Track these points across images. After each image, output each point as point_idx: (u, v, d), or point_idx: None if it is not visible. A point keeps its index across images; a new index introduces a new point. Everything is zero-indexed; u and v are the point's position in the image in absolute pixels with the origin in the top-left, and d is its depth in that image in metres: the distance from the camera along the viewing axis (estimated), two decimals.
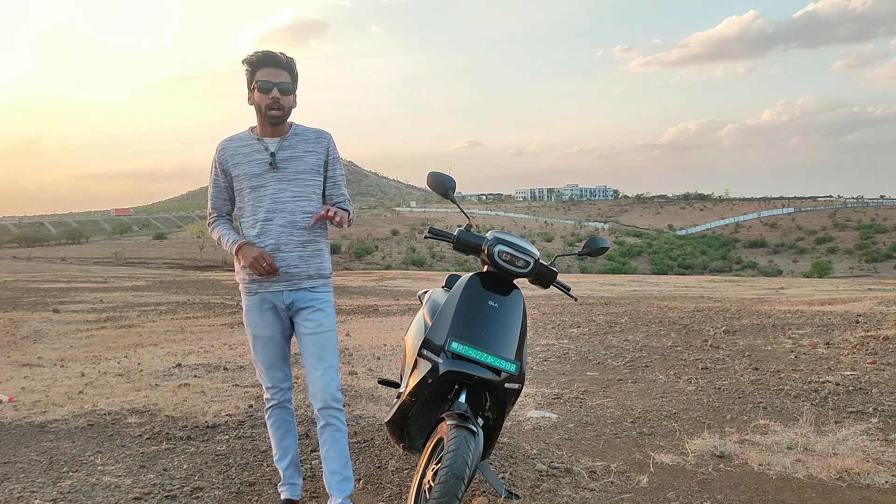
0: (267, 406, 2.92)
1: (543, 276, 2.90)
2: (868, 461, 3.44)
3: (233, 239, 2.74)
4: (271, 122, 2.72)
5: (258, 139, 2.75)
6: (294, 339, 2.89)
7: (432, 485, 2.28)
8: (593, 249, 3.03)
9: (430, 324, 2.80)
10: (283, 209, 2.71)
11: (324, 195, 2.86)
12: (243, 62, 2.72)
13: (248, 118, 2.93)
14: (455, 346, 2.55)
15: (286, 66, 2.70)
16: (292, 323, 2.83)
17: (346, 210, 2.78)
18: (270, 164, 2.71)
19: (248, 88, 2.72)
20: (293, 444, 2.97)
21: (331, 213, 2.66)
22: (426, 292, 3.52)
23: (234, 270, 2.96)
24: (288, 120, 2.78)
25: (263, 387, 2.91)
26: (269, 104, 2.66)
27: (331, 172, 2.85)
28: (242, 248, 2.69)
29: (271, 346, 2.82)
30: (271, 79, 2.66)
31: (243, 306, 2.85)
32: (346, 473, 2.81)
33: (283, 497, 2.97)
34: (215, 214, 2.86)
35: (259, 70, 2.68)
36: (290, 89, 2.71)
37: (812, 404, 4.58)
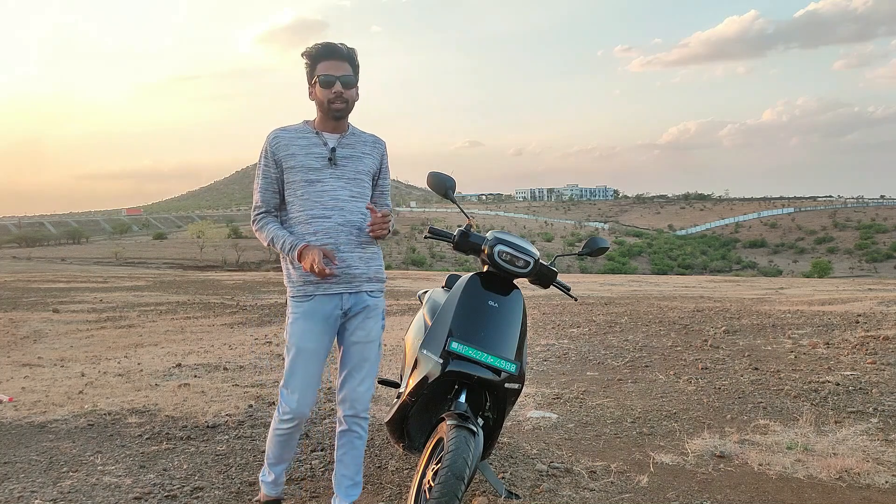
0: (284, 426, 2.67)
1: (543, 276, 2.90)
2: (868, 461, 3.44)
3: (291, 241, 2.55)
4: (335, 116, 2.60)
5: (316, 133, 2.64)
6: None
7: (432, 485, 2.28)
8: (593, 249, 3.03)
9: (430, 324, 2.80)
10: (342, 207, 2.60)
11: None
12: (302, 55, 2.61)
13: (250, 118, 2.94)
14: (455, 346, 2.55)
15: (347, 56, 2.59)
16: (339, 330, 2.71)
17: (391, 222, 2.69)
18: (330, 159, 2.60)
19: (309, 83, 2.61)
20: (291, 456, 2.88)
21: (378, 227, 2.56)
22: (426, 292, 3.52)
23: (236, 270, 2.87)
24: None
25: (286, 406, 2.63)
26: (332, 98, 2.56)
27: (381, 181, 2.78)
28: (305, 250, 2.50)
29: (314, 363, 2.62)
30: (333, 72, 2.55)
31: (290, 314, 2.64)
32: (357, 479, 2.78)
33: (263, 491, 2.90)
34: (263, 209, 2.66)
35: (320, 63, 2.56)
36: (352, 82, 2.59)
37: (812, 404, 4.58)
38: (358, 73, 2.64)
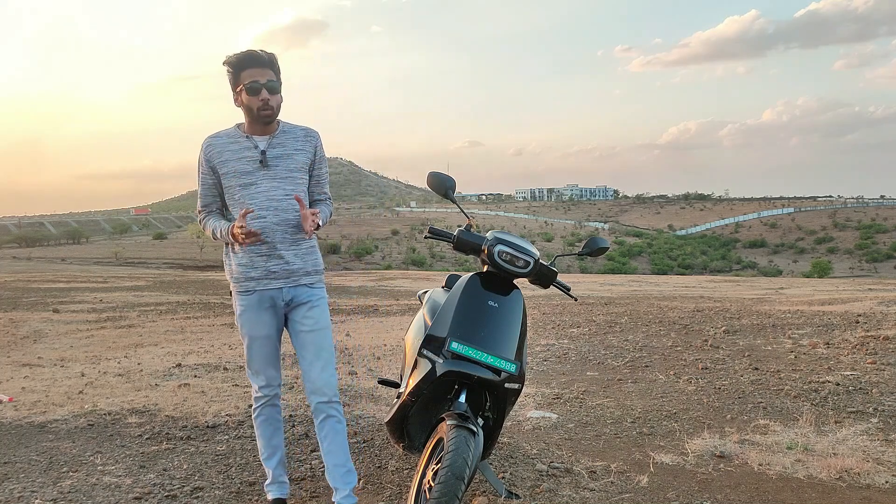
0: (257, 405, 2.88)
1: (543, 276, 2.90)
2: (868, 461, 3.44)
3: (224, 223, 2.69)
4: (263, 122, 2.69)
5: (247, 136, 2.71)
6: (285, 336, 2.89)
7: (432, 485, 2.28)
8: (593, 249, 3.03)
9: (430, 324, 2.80)
10: (277, 207, 2.69)
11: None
12: (224, 63, 2.65)
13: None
14: (455, 346, 2.55)
15: (269, 63, 2.64)
16: (286, 321, 2.83)
17: (325, 212, 2.82)
18: (261, 161, 2.68)
19: (234, 90, 2.67)
20: (281, 442, 2.95)
21: (309, 223, 2.65)
22: (426, 292, 3.52)
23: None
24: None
25: (255, 386, 2.86)
26: (259, 105, 2.62)
27: (316, 171, 2.85)
28: (233, 228, 2.59)
29: (268, 346, 2.80)
30: (258, 79, 2.60)
31: (237, 308, 2.79)
32: (349, 466, 2.82)
33: (271, 497, 2.94)
34: (205, 212, 2.81)
35: (244, 71, 2.62)
36: (277, 87, 2.65)
37: (812, 404, 4.58)
38: (280, 77, 2.69)
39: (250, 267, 2.71)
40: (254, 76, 2.61)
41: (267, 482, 2.96)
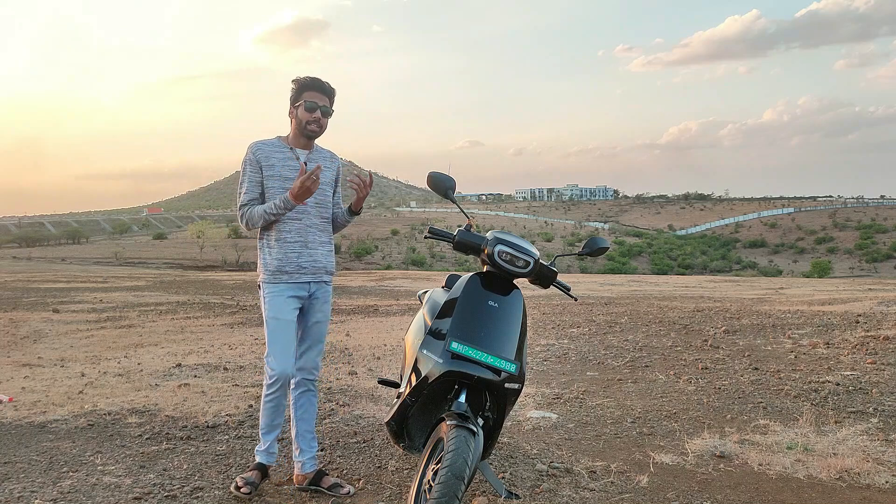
0: (273, 389, 3.11)
1: (543, 277, 2.90)
2: (868, 461, 3.44)
3: (280, 197, 2.99)
4: (308, 136, 3.10)
5: (290, 148, 3.12)
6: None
7: (432, 485, 2.28)
8: (593, 249, 3.03)
9: (430, 324, 2.80)
10: (309, 212, 3.12)
11: None
12: (293, 81, 3.07)
13: (251, 118, 3.18)
14: (455, 345, 2.55)
15: (329, 93, 3.09)
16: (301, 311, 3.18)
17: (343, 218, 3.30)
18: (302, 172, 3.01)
19: (293, 104, 3.07)
20: (281, 422, 3.25)
21: (366, 186, 3.06)
22: (426, 292, 3.52)
23: (236, 270, 3.07)
24: None
25: (274, 371, 3.06)
26: (310, 121, 3.05)
27: (338, 188, 3.31)
28: (290, 192, 2.94)
29: (289, 330, 3.10)
30: (317, 101, 3.04)
31: (265, 294, 3.09)
32: (314, 433, 3.25)
33: (257, 460, 3.22)
34: (250, 205, 3.08)
35: (307, 91, 3.04)
36: (330, 113, 3.11)
37: (812, 404, 4.58)
38: (333, 107, 3.13)
39: (284, 262, 3.07)
40: (314, 97, 3.05)
41: (258, 447, 3.24)
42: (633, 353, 6.64)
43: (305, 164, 2.99)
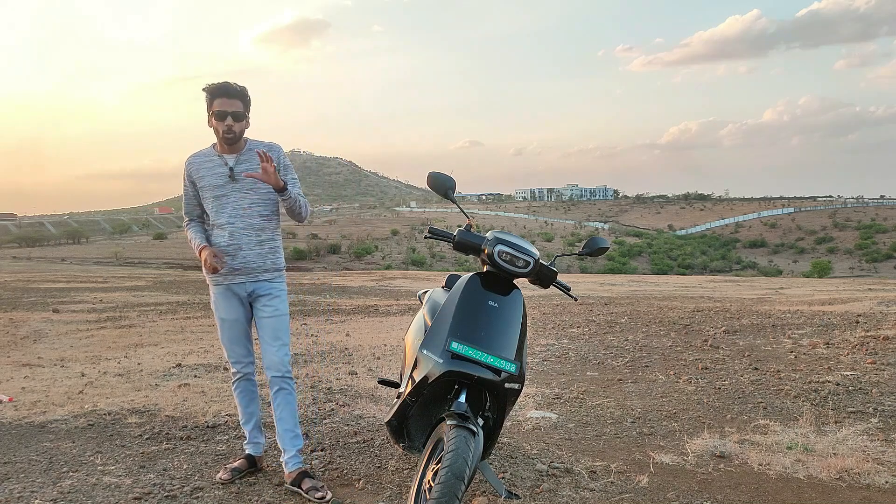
0: (234, 379, 3.40)
1: (543, 277, 2.90)
2: (868, 461, 3.44)
3: (199, 241, 3.23)
4: (227, 143, 3.18)
5: (219, 155, 3.21)
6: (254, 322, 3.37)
7: (432, 485, 2.28)
8: (593, 249, 3.03)
9: (430, 324, 2.80)
10: (243, 214, 3.19)
11: None
12: (203, 90, 3.14)
13: (250, 118, 3.25)
14: (455, 346, 2.54)
15: (239, 95, 3.13)
16: (252, 308, 3.31)
17: (296, 191, 3.19)
18: (230, 176, 3.17)
19: (208, 113, 3.14)
20: (256, 409, 3.44)
21: (270, 169, 3.01)
22: (426, 292, 3.52)
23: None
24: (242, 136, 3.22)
25: (230, 362, 3.37)
26: (224, 129, 3.12)
27: (289, 174, 3.25)
28: (202, 250, 3.17)
29: (236, 328, 3.30)
30: (226, 108, 3.10)
31: (211, 294, 3.32)
32: (297, 431, 3.30)
33: (246, 452, 3.42)
34: (188, 219, 3.35)
35: (216, 99, 3.11)
36: (242, 116, 3.15)
37: (812, 404, 4.58)
38: (249, 107, 3.19)
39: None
40: (222, 105, 3.10)
41: (245, 441, 3.44)
42: (633, 353, 6.64)
43: (214, 257, 3.11)
